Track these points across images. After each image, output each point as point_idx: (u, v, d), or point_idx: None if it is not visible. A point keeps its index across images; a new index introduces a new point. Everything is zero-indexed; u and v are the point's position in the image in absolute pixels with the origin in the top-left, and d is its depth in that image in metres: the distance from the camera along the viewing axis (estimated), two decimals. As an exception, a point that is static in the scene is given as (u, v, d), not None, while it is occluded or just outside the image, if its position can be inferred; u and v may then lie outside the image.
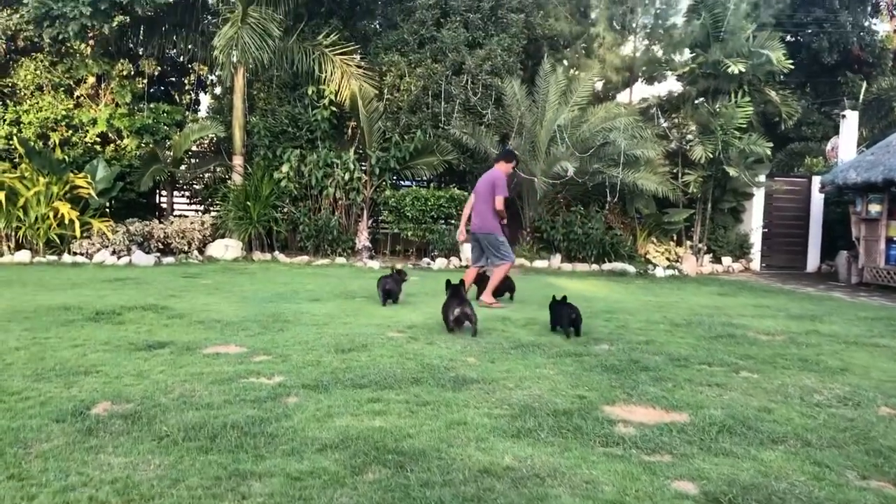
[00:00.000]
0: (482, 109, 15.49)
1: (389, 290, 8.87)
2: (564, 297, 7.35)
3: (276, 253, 15.04)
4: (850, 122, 18.50)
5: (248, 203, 14.58)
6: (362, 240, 15.54)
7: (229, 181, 15.72)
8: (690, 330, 7.63)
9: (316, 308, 8.34)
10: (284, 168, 15.07)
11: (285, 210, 15.30)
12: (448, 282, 7.75)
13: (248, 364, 5.49)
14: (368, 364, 5.55)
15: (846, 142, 18.42)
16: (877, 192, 14.22)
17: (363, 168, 15.65)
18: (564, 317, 7.09)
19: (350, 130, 16.38)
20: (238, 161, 15.47)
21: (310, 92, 15.37)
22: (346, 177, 15.14)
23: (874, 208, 14.34)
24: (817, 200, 17.88)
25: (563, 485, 3.30)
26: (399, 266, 8.63)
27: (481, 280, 9.54)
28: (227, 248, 14.46)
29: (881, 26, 23.84)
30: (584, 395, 4.81)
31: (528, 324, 7.66)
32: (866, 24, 22.29)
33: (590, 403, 4.62)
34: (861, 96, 20.66)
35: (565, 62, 17.85)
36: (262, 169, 15.01)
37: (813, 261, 18.14)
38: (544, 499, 3.14)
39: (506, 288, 9.68)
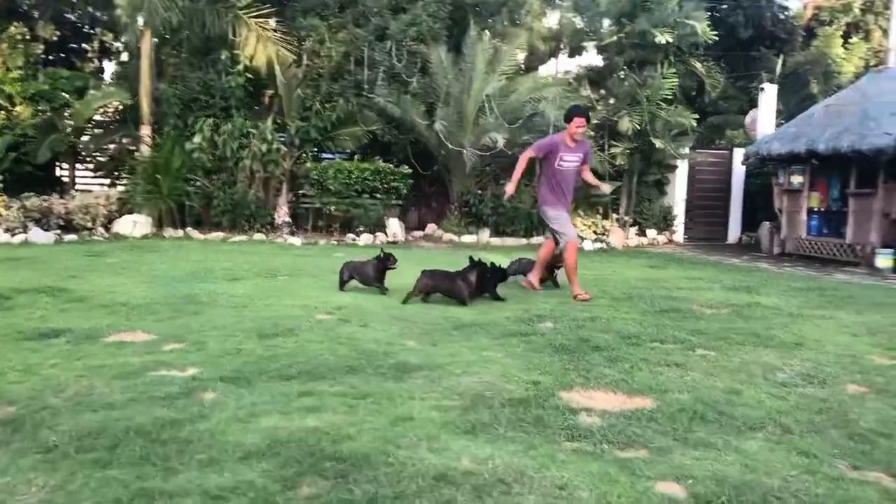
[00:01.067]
0: (407, 77, 14.87)
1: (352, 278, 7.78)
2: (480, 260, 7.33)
3: (189, 229, 14.10)
4: (769, 95, 18.68)
5: (158, 176, 13.58)
6: (282, 215, 14.75)
7: (137, 153, 14.63)
8: (633, 304, 7.34)
9: (234, 288, 7.66)
10: (196, 138, 14.09)
11: (198, 183, 14.33)
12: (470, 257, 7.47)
13: (158, 354, 4.84)
14: (296, 351, 4.98)
15: (765, 114, 18.60)
16: (799, 164, 14.33)
17: (282, 139, 14.80)
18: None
19: (267, 99, 15.47)
20: (146, 131, 14.39)
21: (223, 57, 14.39)
22: (264, 148, 14.26)
23: (796, 179, 14.46)
24: (738, 172, 18.05)
25: (532, 492, 2.84)
26: (386, 250, 7.68)
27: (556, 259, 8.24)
28: (135, 225, 13.45)
29: (792, 2, 24.37)
30: (538, 380, 4.37)
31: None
32: (779, 0, 22.68)
33: (546, 390, 4.19)
34: (777, 70, 20.99)
35: (490, 31, 17.36)
36: (173, 139, 13.99)
37: (734, 232, 18.36)
38: (514, 511, 2.68)
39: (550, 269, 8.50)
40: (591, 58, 19.23)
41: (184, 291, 7.28)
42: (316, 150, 15.33)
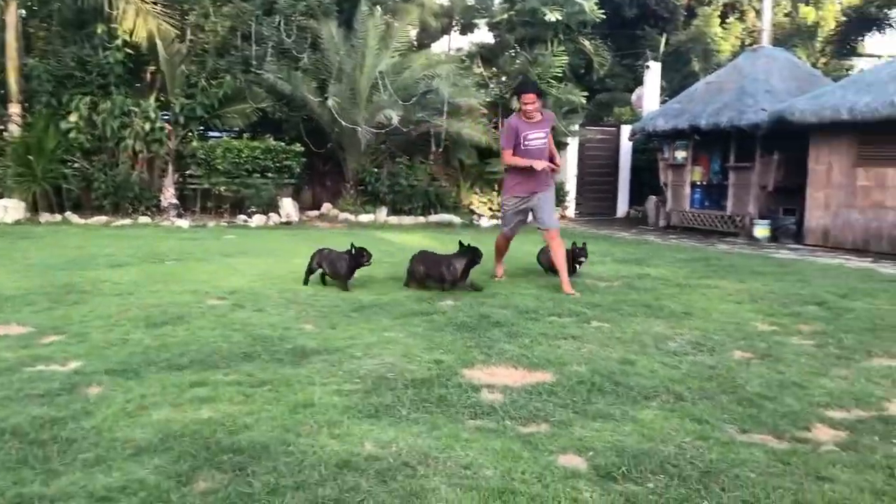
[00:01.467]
0: (298, 53, 14.48)
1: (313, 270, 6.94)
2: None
3: (68, 213, 13.30)
4: (654, 73, 19.34)
5: (31, 157, 12.71)
6: (168, 196, 14.13)
7: (6, 133, 13.64)
8: (529, 280, 7.45)
9: (118, 275, 7.28)
10: (73, 117, 13.26)
11: (76, 165, 13.54)
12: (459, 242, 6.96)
13: (35, 348, 4.53)
14: (187, 339, 4.76)
15: (650, 92, 19.26)
16: (683, 139, 14.90)
17: (166, 117, 14.15)
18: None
19: (149, 75, 14.71)
20: (15, 109, 13.43)
21: (99, 31, 13.55)
22: (147, 127, 13.58)
23: (680, 154, 15.04)
24: (626, 148, 18.59)
25: (438, 473, 2.81)
26: (358, 245, 6.82)
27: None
28: (6, 210, 12.58)
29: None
30: (440, 359, 4.35)
31: (365, 282, 7.11)
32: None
33: (448, 368, 4.17)
34: (661, 49, 21.71)
35: (382, 7, 17.11)
36: (46, 119, 13.11)
37: (623, 206, 18.94)
38: (420, 495, 2.63)
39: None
40: (483, 35, 19.32)
41: (63, 280, 6.86)
42: (203, 128, 14.74)
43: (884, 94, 10.92)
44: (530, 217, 7.37)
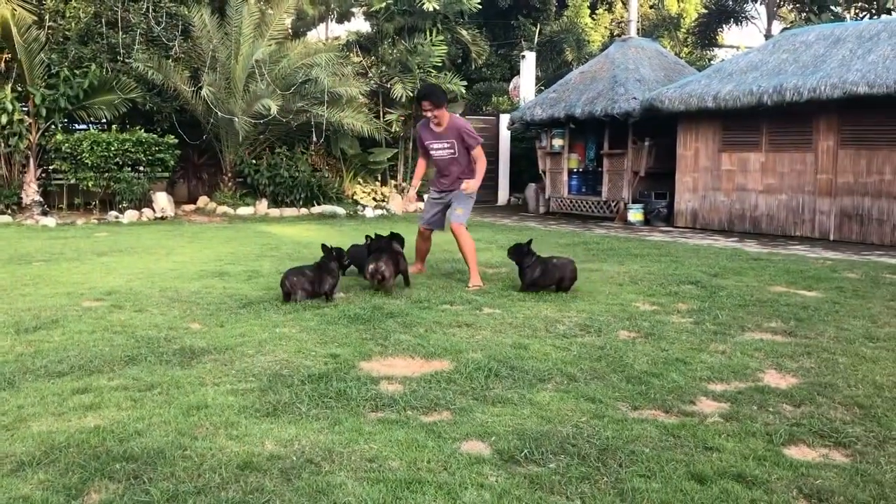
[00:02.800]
0: (168, 41, 13.89)
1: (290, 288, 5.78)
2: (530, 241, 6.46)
3: (-85, 214, 12.27)
4: (529, 62, 19.79)
5: None
6: (31, 193, 13.24)
7: None
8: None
9: (-21, 279, 6.77)
10: (-83, 110, 12.20)
11: (-77, 162, 12.49)
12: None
13: None
14: (64, 344, 4.50)
15: (526, 81, 19.71)
16: (559, 128, 15.35)
17: (25, 109, 13.23)
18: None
19: (4, 64, 13.69)
20: None
21: (-56, 15, 12.51)
22: (4, 119, 12.64)
23: (557, 142, 15.48)
24: (505, 137, 18.94)
25: (343, 468, 2.78)
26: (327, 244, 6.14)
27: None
28: None
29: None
30: (335, 352, 4.31)
31: (250, 277, 6.94)
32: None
33: (345, 362, 4.13)
34: (536, 39, 22.25)
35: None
36: None
37: (503, 194, 19.32)
38: (326, 491, 2.60)
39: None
40: (360, 24, 19.17)
41: (-85, 287, 6.31)
42: (67, 120, 13.88)
43: (744, 83, 11.64)
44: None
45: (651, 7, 26.40)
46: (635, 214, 13.48)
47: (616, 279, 6.97)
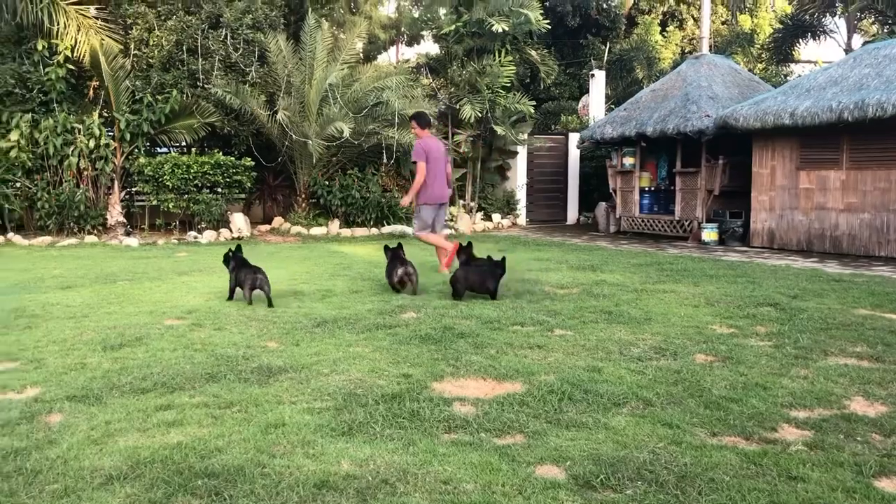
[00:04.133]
0: (245, 67, 14.33)
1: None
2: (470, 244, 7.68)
3: (11, 235, 12.89)
4: (599, 81, 19.70)
5: (-32, 178, 12.31)
6: (115, 214, 13.80)
7: (-59, 153, 13.18)
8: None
9: (70, 297, 7.08)
10: (13, 136, 12.88)
11: (18, 185, 13.15)
12: (386, 247, 7.63)
13: (-11, 377, 4.37)
14: (148, 361, 4.66)
15: (596, 99, 19.62)
16: (630, 146, 15.19)
17: (111, 133, 13.85)
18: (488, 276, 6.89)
19: (92, 91, 14.37)
20: (-49, 128, 12.99)
21: (40, 47, 13.21)
22: (92, 144, 13.29)
23: (628, 161, 15.32)
24: (574, 156, 18.87)
25: (418, 490, 2.80)
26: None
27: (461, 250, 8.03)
28: (-57, 233, 12.14)
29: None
30: (408, 372, 4.34)
31: (324, 296, 7.06)
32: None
33: (418, 382, 4.16)
34: (605, 57, 22.13)
35: (329, 19, 17.08)
36: (-15, 138, 12.73)
37: (572, 213, 19.20)
38: (402, 511, 2.63)
39: None
40: (429, 46, 19.44)
41: (11, 304, 6.63)
42: (149, 144, 14.46)
43: (823, 99, 11.30)
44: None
45: (723, 23, 25.96)
46: (709, 234, 13.18)
47: (691, 301, 6.82)
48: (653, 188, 15.24)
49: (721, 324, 5.80)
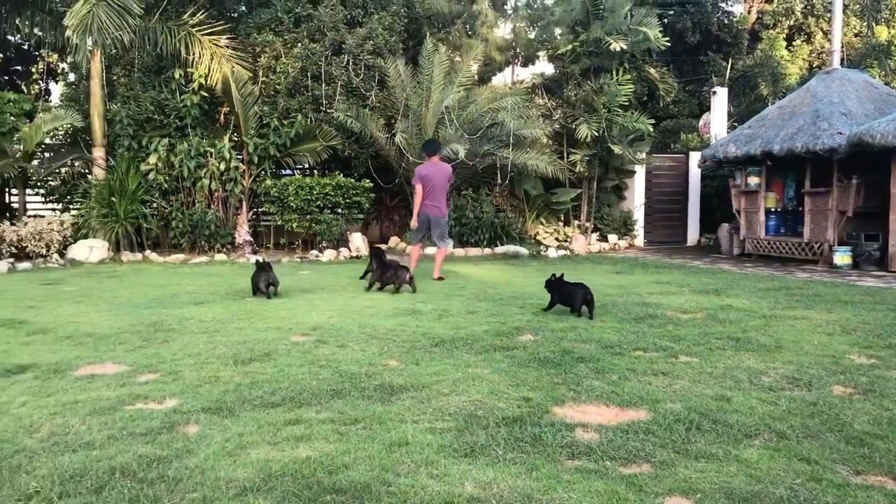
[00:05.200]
0: (365, 91, 14.79)
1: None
2: (562, 276, 7.44)
3: (148, 252, 13.77)
4: (721, 98, 19.10)
5: (113, 199, 13.25)
6: (243, 234, 14.51)
7: (90, 176, 14.28)
8: (608, 312, 7.33)
9: (202, 312, 7.46)
10: (152, 159, 13.80)
11: (155, 205, 14.05)
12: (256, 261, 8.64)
13: (132, 386, 4.65)
14: (276, 376, 4.84)
15: (717, 117, 19.01)
16: (755, 165, 14.60)
17: (240, 157, 14.59)
18: (578, 297, 7.05)
19: (223, 116, 15.22)
20: (99, 153, 14.04)
21: (177, 76, 14.14)
22: (222, 166, 14.05)
23: (753, 180, 14.72)
24: (695, 175, 18.32)
25: (543, 515, 2.78)
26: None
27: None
28: (91, 250, 13.07)
29: (737, 7, 24.91)
30: (528, 396, 4.31)
31: (441, 316, 7.13)
32: (723, 5, 23.20)
33: (538, 406, 4.13)
34: (727, 74, 21.44)
35: (446, 43, 17.39)
36: (127, 161, 13.67)
37: (693, 234, 18.61)
38: (528, 537, 2.60)
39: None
40: (543, 66, 19.41)
41: (150, 318, 7.06)
42: (275, 166, 15.12)
43: (971, 113, 10.52)
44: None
45: (856, 35, 24.62)
46: (842, 257, 12.45)
47: (825, 328, 6.46)
48: (779, 209, 14.57)
49: (860, 353, 5.46)
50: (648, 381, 4.65)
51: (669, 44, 16.69)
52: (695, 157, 17.61)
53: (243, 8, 16.42)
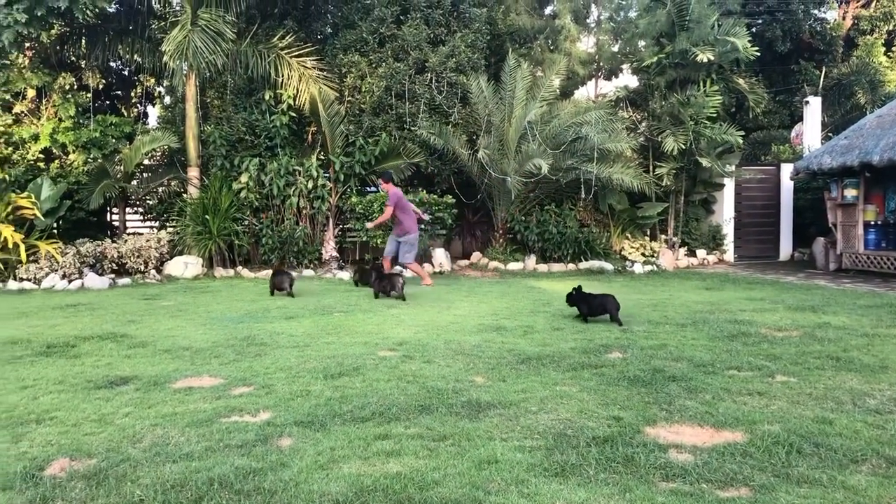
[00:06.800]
0: (448, 108, 14.92)
1: None
2: (580, 287, 8.11)
3: (240, 268, 14.22)
4: (814, 108, 18.44)
5: (207, 217, 13.75)
6: (329, 250, 14.81)
7: (185, 194, 14.86)
8: (699, 330, 7.14)
9: (292, 327, 7.64)
10: (243, 178, 14.28)
11: (246, 222, 14.50)
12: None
13: (228, 399, 4.80)
14: (365, 391, 4.90)
15: (811, 128, 18.35)
16: (852, 177, 14.00)
17: (326, 175, 14.92)
18: (610, 305, 7.67)
19: (310, 136, 15.63)
20: (194, 173, 14.62)
21: (267, 97, 14.60)
22: (310, 184, 14.41)
23: (850, 193, 14.12)
24: (787, 188, 17.69)
25: (638, 539, 2.71)
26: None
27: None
28: (186, 266, 13.59)
29: (830, 14, 23.98)
30: (618, 415, 4.24)
31: (526, 332, 7.09)
32: (815, 12, 22.37)
33: (629, 426, 4.05)
34: (820, 83, 20.66)
35: (528, 58, 17.38)
36: (220, 180, 14.18)
37: (786, 249, 17.95)
38: (623, 560, 2.55)
39: None
40: (627, 79, 19.14)
41: (243, 332, 7.28)
42: (360, 184, 15.39)
43: None
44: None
45: (962, 38, 23.35)
46: (950, 273, 11.78)
47: (934, 348, 6.12)
48: (879, 222, 13.91)
49: (975, 376, 5.15)
50: (744, 402, 4.50)
51: (759, 53, 16.20)
52: (787, 169, 17.02)
53: (329, 30, 16.80)
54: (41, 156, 14.79)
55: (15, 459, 3.71)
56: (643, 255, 15.83)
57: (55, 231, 14.20)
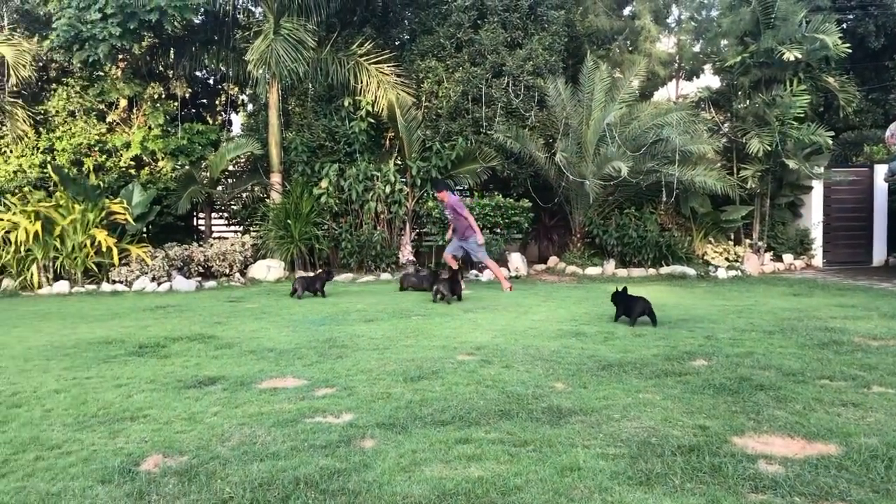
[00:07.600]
0: (525, 112, 14.87)
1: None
2: (626, 288, 8.22)
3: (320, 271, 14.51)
4: (911, 106, 17.55)
5: (289, 221, 14.09)
6: (406, 254, 14.96)
7: (268, 200, 15.28)
8: (787, 337, 6.90)
9: (372, 330, 7.74)
10: (324, 183, 14.57)
11: (326, 227, 14.79)
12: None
13: (311, 400, 4.90)
14: (445, 394, 4.92)
15: (907, 127, 17.47)
16: (953, 178, 13.29)
17: (404, 180, 15.08)
18: (637, 307, 7.84)
19: (388, 141, 15.83)
20: (276, 179, 15.01)
21: (346, 104, 14.88)
22: (387, 189, 14.59)
23: (951, 195, 13.39)
24: (881, 190, 16.93)
25: (728, 552, 2.64)
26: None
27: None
28: (269, 269, 13.95)
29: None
30: (704, 424, 4.13)
31: (607, 338, 6.98)
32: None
33: (716, 435, 3.94)
34: (918, 79, 19.69)
35: (607, 60, 17.17)
36: (301, 185, 14.50)
37: (879, 254, 17.16)
38: (712, 574, 2.48)
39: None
40: (708, 79, 18.69)
41: (325, 335, 7.41)
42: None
43: None
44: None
45: None
46: None
47: None
48: (984, 225, 13.15)
49: None
50: (837, 413, 4.32)
51: (850, 50, 15.56)
52: (881, 171, 16.29)
53: (406, 36, 16.98)
54: (132, 163, 15.44)
55: (112, 454, 3.88)
56: (727, 259, 15.39)
57: (145, 235, 14.82)
